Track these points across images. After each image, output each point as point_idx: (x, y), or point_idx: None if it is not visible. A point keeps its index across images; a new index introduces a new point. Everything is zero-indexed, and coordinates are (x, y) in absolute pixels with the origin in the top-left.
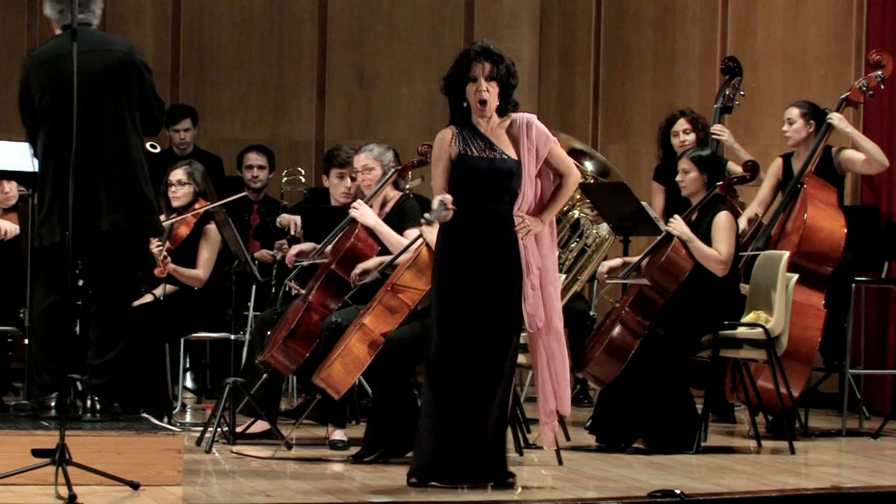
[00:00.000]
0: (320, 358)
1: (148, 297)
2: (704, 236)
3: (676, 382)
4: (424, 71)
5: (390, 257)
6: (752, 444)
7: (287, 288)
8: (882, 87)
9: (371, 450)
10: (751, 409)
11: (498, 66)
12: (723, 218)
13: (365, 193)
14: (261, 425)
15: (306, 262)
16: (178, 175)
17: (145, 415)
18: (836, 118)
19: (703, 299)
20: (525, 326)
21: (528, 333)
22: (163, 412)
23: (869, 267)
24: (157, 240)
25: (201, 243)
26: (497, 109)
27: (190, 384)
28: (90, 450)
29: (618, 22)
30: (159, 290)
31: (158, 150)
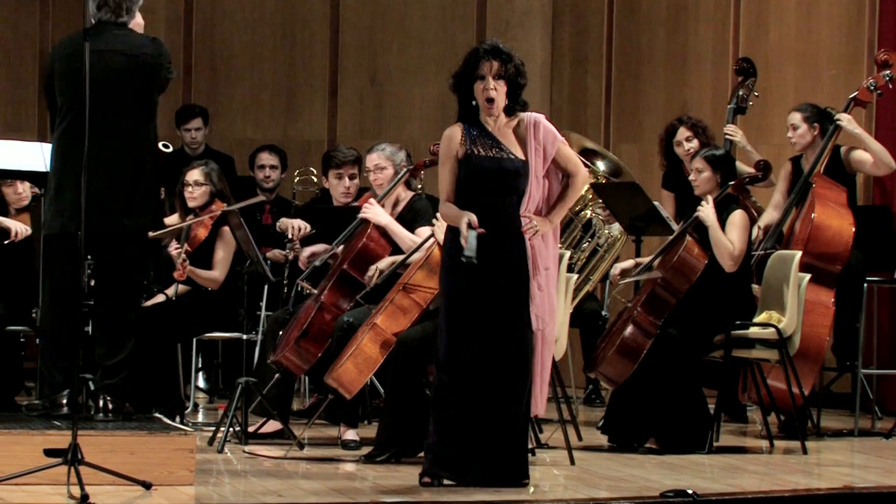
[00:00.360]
0: (332, 358)
1: (160, 297)
2: None
3: (689, 382)
4: (436, 71)
5: (399, 256)
6: (764, 444)
7: (299, 288)
8: (890, 86)
9: (383, 449)
10: (763, 409)
11: (506, 64)
12: (738, 216)
13: (377, 193)
14: (273, 425)
15: (318, 261)
16: (194, 175)
17: (157, 414)
18: (844, 119)
19: (716, 299)
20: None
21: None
22: (175, 412)
23: (881, 267)
24: (176, 242)
25: (217, 244)
26: (505, 108)
27: (202, 384)
28: (102, 449)
29: (630, 22)
30: (171, 290)
31: (171, 150)
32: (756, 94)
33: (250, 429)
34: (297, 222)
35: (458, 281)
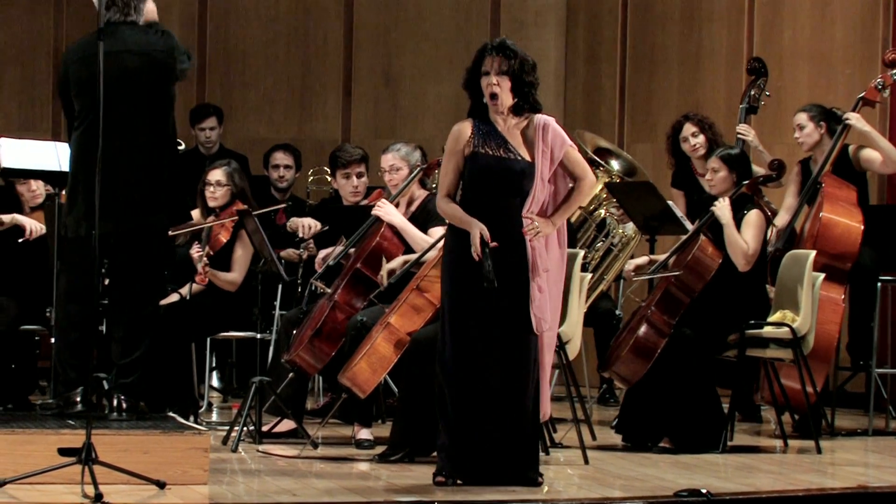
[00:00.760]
0: (346, 357)
1: (174, 297)
2: None
3: (703, 382)
4: (450, 70)
5: (411, 255)
6: (778, 443)
7: (313, 287)
8: None
9: (397, 449)
10: (777, 408)
11: (510, 60)
12: (754, 215)
13: (392, 193)
14: (287, 424)
15: (332, 260)
16: (216, 176)
17: (171, 414)
18: (853, 118)
19: (730, 298)
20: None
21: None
22: (189, 411)
23: (894, 266)
24: (198, 245)
25: (237, 246)
26: (514, 108)
27: (216, 383)
28: (116, 449)
29: (644, 21)
30: (185, 290)
31: (183, 147)
32: (768, 93)
33: (264, 428)
34: (308, 221)
35: (460, 281)
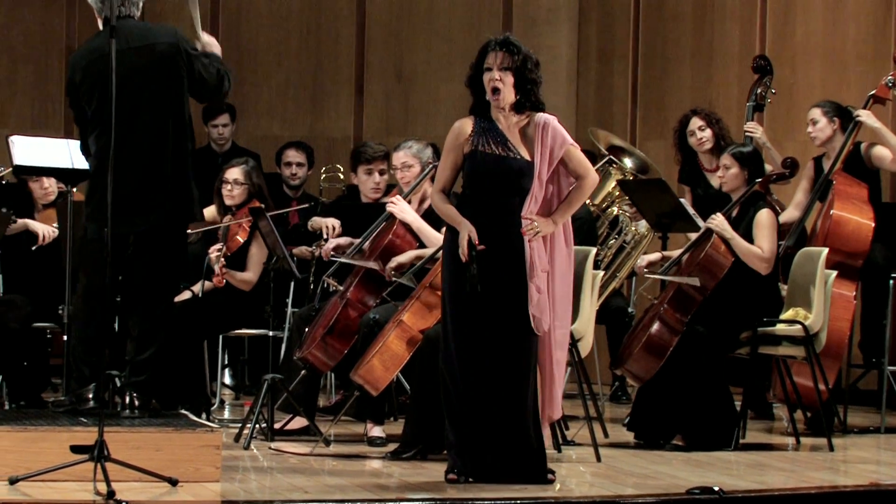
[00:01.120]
0: (358, 354)
1: (187, 294)
2: (745, 233)
3: (715, 379)
4: (462, 67)
5: (424, 250)
6: (790, 440)
7: (325, 284)
8: None
9: (409, 446)
10: (789, 405)
11: (513, 56)
12: (764, 215)
13: (404, 190)
14: (299, 422)
15: (344, 259)
16: (234, 174)
17: (184, 411)
18: (864, 115)
19: (742, 296)
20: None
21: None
22: (201, 409)
23: None
24: (217, 245)
25: (252, 244)
26: (516, 105)
27: (228, 381)
28: (129, 446)
29: (656, 19)
30: (198, 287)
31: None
32: (773, 91)
33: (276, 425)
34: (331, 221)
35: (460, 282)
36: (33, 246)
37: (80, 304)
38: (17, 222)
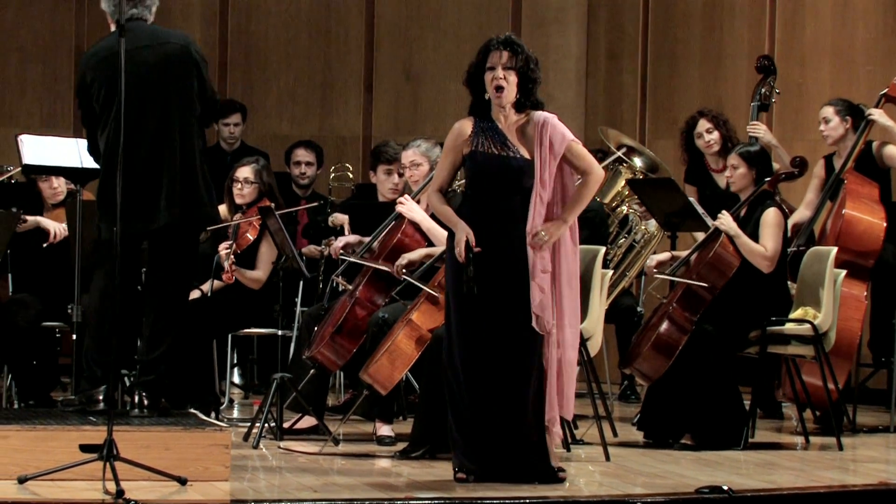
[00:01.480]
0: (367, 353)
1: (196, 293)
2: (752, 233)
3: (724, 378)
4: None
5: (435, 248)
6: (799, 440)
7: (334, 283)
8: None
9: (418, 445)
10: (798, 405)
11: (517, 55)
12: (771, 214)
13: (412, 189)
14: (308, 421)
15: (354, 258)
16: (244, 173)
17: (193, 410)
18: (876, 113)
19: (751, 295)
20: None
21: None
22: (210, 408)
23: None
24: (227, 243)
25: (263, 243)
26: (516, 104)
27: (237, 380)
28: (138, 445)
29: (665, 17)
30: (207, 286)
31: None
32: (778, 91)
33: (285, 424)
34: (346, 217)
35: (462, 282)
36: (44, 243)
37: (96, 304)
38: (28, 220)
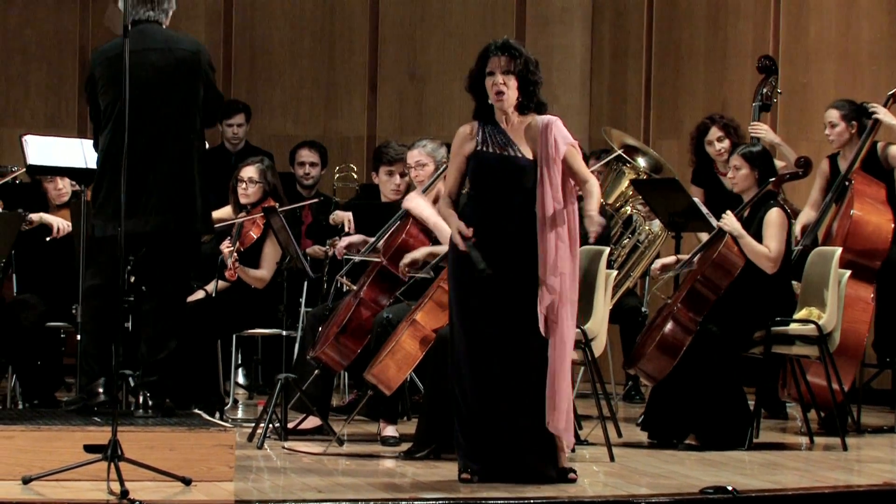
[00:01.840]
0: (372, 354)
1: (200, 294)
2: (756, 233)
3: (728, 379)
4: None
5: (439, 247)
6: (804, 440)
7: (338, 284)
8: None
9: (422, 446)
10: (803, 405)
11: (515, 59)
12: (774, 214)
13: (417, 189)
14: (312, 421)
15: (358, 257)
16: (249, 173)
17: (197, 411)
18: (881, 111)
19: (756, 296)
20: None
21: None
22: (215, 408)
23: None
24: (229, 240)
25: (266, 242)
26: (518, 106)
27: (242, 380)
28: (142, 445)
29: (669, 18)
30: (211, 287)
31: (206, 147)
32: (780, 91)
33: (290, 425)
34: (351, 215)
35: (466, 282)
36: (48, 237)
37: (91, 304)
38: (33, 219)
